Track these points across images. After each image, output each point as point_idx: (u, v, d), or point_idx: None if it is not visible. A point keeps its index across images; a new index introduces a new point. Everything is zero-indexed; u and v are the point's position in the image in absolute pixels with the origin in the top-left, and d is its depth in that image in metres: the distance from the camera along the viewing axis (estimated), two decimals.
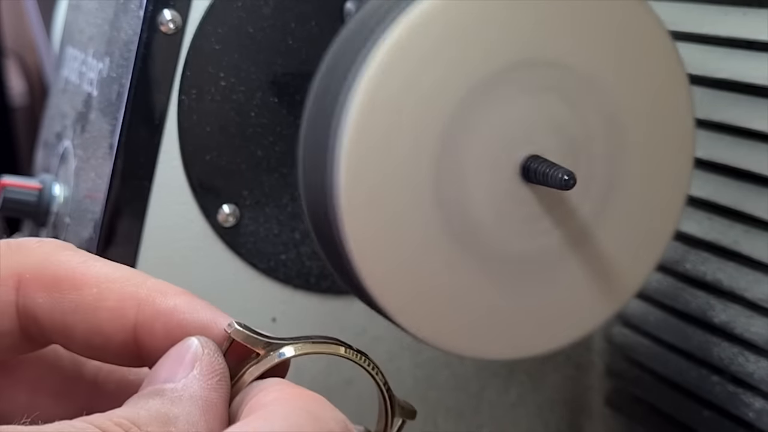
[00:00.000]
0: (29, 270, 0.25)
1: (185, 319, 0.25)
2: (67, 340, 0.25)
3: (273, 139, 0.40)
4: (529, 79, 0.30)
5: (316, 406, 0.22)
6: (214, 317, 0.25)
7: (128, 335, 0.25)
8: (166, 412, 0.22)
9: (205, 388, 0.23)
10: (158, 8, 0.37)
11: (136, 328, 0.25)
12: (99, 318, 0.25)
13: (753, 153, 0.38)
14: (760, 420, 0.38)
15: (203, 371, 0.23)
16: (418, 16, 0.28)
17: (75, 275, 0.25)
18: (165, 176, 0.39)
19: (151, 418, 0.22)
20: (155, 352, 0.25)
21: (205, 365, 0.24)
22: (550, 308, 0.32)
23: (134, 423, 0.21)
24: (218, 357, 0.24)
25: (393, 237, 0.29)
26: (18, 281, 0.25)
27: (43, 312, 0.25)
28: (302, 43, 0.39)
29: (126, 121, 0.38)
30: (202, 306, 0.25)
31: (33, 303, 0.25)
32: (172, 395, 0.23)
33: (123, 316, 0.25)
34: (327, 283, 0.41)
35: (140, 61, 0.38)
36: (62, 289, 0.25)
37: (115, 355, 0.26)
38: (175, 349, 0.24)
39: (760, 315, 0.38)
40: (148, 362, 0.25)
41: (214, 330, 0.25)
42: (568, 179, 0.29)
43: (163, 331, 0.25)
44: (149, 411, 0.22)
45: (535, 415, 0.47)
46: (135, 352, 0.25)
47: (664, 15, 0.32)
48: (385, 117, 0.29)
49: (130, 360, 0.26)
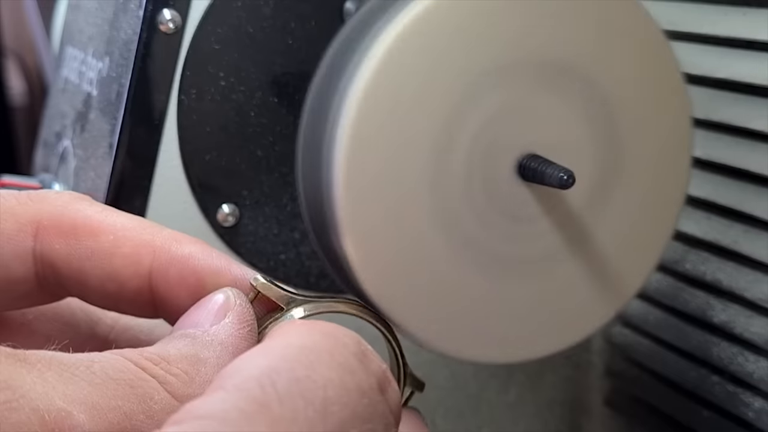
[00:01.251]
0: (47, 218, 0.26)
1: (200, 265, 0.25)
2: (82, 288, 0.26)
3: (273, 139, 0.40)
4: (527, 78, 0.30)
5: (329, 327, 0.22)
6: (229, 265, 0.26)
7: (143, 282, 0.25)
8: (197, 353, 0.23)
9: (235, 336, 0.24)
10: (158, 8, 0.37)
11: (151, 274, 0.25)
12: (114, 264, 0.25)
13: (752, 153, 0.38)
14: (759, 420, 0.38)
15: (234, 320, 0.24)
16: (415, 15, 0.28)
17: (92, 223, 0.26)
18: (164, 176, 0.39)
19: (181, 357, 0.22)
20: (169, 299, 0.25)
21: (237, 314, 0.24)
22: (550, 310, 0.32)
23: (164, 359, 0.22)
24: (249, 308, 0.25)
25: (390, 237, 0.29)
26: (36, 228, 0.26)
27: (60, 258, 0.25)
28: (302, 42, 0.39)
29: (125, 121, 0.38)
30: (216, 254, 0.26)
31: (50, 249, 0.25)
32: (203, 339, 0.23)
33: (138, 263, 0.25)
34: (326, 283, 0.41)
35: (140, 61, 0.38)
36: (79, 236, 0.25)
37: (129, 303, 0.26)
38: (207, 299, 0.25)
39: (759, 315, 0.38)
40: (160, 311, 0.26)
41: (227, 277, 0.25)
42: (567, 178, 0.29)
43: (177, 277, 0.25)
44: (179, 350, 0.23)
45: (535, 415, 0.47)
46: (149, 299, 0.26)
47: (663, 15, 0.32)
48: (382, 116, 0.29)
49: (143, 309, 0.26)
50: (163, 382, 0.21)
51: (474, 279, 0.31)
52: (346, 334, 0.22)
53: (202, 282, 0.25)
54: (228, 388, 0.20)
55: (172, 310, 0.26)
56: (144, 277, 0.25)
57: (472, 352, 0.32)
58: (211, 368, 0.22)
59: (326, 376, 0.20)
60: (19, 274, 0.26)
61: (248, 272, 0.26)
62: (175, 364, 0.22)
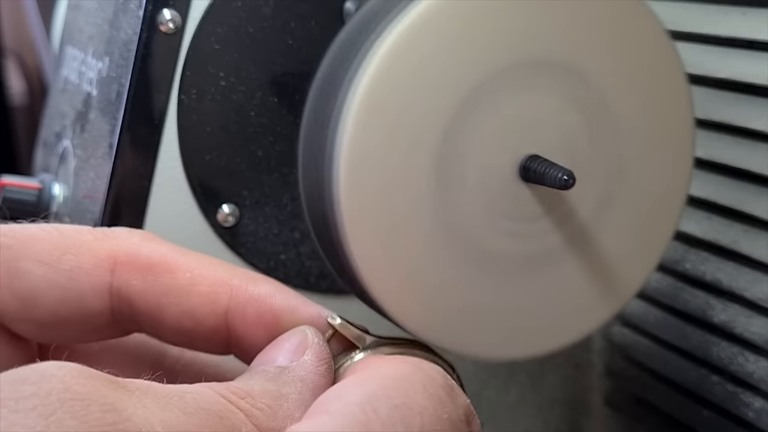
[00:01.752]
0: (123, 254, 0.26)
1: (277, 304, 0.26)
2: (157, 324, 0.26)
3: (273, 139, 0.40)
4: (529, 78, 0.30)
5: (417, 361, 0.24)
6: (305, 304, 0.26)
7: (219, 320, 0.26)
8: (279, 389, 0.23)
9: (314, 372, 0.24)
10: (158, 8, 0.37)
11: (228, 312, 0.26)
12: (191, 302, 0.26)
13: (753, 153, 0.38)
14: (759, 420, 0.38)
15: (313, 357, 0.25)
16: (417, 15, 0.28)
17: (168, 260, 0.26)
18: (164, 176, 0.39)
19: (264, 392, 0.23)
20: (245, 337, 0.26)
21: (315, 352, 0.25)
22: (550, 309, 0.32)
23: (248, 394, 0.22)
24: (326, 347, 0.25)
25: (393, 236, 0.29)
26: (113, 264, 0.26)
27: (137, 294, 0.26)
28: (302, 42, 0.39)
29: (125, 121, 0.38)
30: (292, 293, 0.26)
31: (127, 285, 0.26)
32: (284, 375, 0.24)
33: (215, 301, 0.26)
34: (326, 283, 0.41)
35: (140, 61, 0.38)
36: (156, 273, 0.26)
37: (204, 340, 0.26)
38: (285, 336, 0.25)
39: (759, 314, 0.38)
40: (234, 348, 0.26)
41: (303, 316, 0.26)
42: (568, 179, 0.29)
43: (255, 316, 0.26)
44: (262, 386, 0.23)
45: (535, 414, 0.47)
46: (224, 337, 0.26)
47: (664, 15, 0.32)
48: (384, 116, 0.29)
49: (218, 346, 0.27)
50: (249, 415, 0.22)
51: (475, 278, 0.31)
52: (433, 368, 0.23)
53: (278, 320, 0.26)
54: (332, 412, 0.21)
55: (246, 347, 0.26)
56: (221, 315, 0.26)
57: (473, 349, 0.32)
58: (293, 404, 0.23)
59: (421, 404, 0.22)
60: (95, 309, 0.26)
61: (323, 311, 0.26)
62: (259, 399, 0.23)
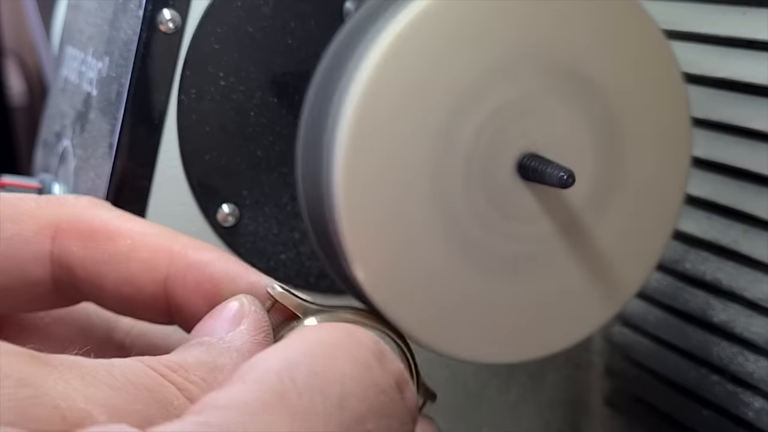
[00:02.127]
0: (66, 221, 0.26)
1: (216, 272, 0.25)
2: (98, 292, 0.26)
3: (272, 139, 0.40)
4: (527, 77, 0.30)
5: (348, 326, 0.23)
6: (245, 272, 0.26)
7: (159, 287, 0.25)
8: (213, 361, 0.23)
9: (251, 342, 0.24)
10: (157, 8, 0.37)
11: (168, 279, 0.25)
12: (131, 269, 0.25)
13: (752, 152, 0.38)
14: (759, 419, 0.38)
15: (250, 327, 0.24)
16: (416, 14, 0.28)
17: (109, 227, 0.26)
18: (164, 176, 0.39)
19: (198, 364, 0.22)
20: (185, 305, 0.25)
21: (252, 321, 0.24)
22: (550, 309, 0.32)
23: (182, 366, 0.22)
24: (264, 315, 0.25)
25: (390, 237, 0.29)
26: (54, 231, 0.26)
27: (77, 261, 0.26)
28: (302, 42, 0.39)
29: (125, 121, 0.38)
30: (233, 261, 0.26)
31: (68, 252, 0.26)
32: (219, 346, 0.23)
33: (155, 268, 0.25)
34: (326, 283, 0.41)
35: (139, 61, 0.38)
36: (97, 240, 0.26)
37: (144, 308, 0.26)
38: (222, 306, 0.25)
39: (759, 314, 0.38)
40: (176, 317, 0.26)
41: (243, 284, 0.25)
42: (566, 177, 0.29)
43: (194, 283, 0.25)
44: (197, 358, 0.23)
45: (535, 414, 0.47)
46: (164, 305, 0.26)
47: (663, 14, 0.32)
48: (383, 115, 0.29)
49: (159, 314, 0.26)
50: (182, 388, 0.22)
51: (474, 278, 0.31)
52: (364, 334, 0.22)
53: (218, 289, 0.25)
54: (247, 380, 0.20)
55: (187, 316, 0.26)
56: (160, 283, 0.25)
57: (472, 352, 0.32)
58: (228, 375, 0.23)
59: (344, 371, 0.21)
60: (36, 276, 0.26)
61: (263, 280, 0.26)
62: (193, 372, 0.22)
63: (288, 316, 0.26)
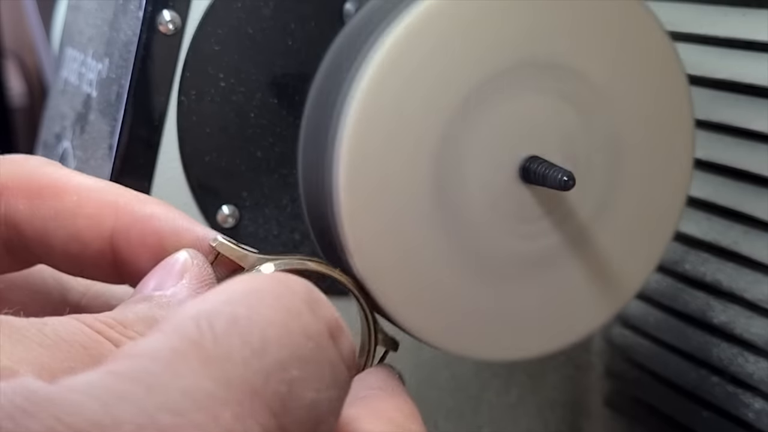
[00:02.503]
0: (13, 180, 0.25)
1: (161, 226, 0.25)
2: (47, 250, 0.25)
3: (273, 140, 0.40)
4: (529, 79, 0.30)
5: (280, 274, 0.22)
6: (191, 226, 0.25)
7: (105, 242, 0.25)
8: (153, 315, 0.22)
9: (193, 296, 0.23)
10: (157, 9, 0.37)
11: (113, 234, 0.25)
12: (77, 225, 0.25)
13: (752, 154, 0.38)
14: (759, 420, 0.38)
15: (192, 280, 0.24)
16: (418, 16, 0.28)
17: (57, 184, 0.25)
18: (164, 177, 0.39)
19: (138, 320, 0.22)
20: (130, 261, 0.25)
21: (194, 275, 0.24)
22: (550, 309, 0.32)
23: (120, 323, 0.21)
24: (207, 268, 0.24)
25: (392, 237, 0.29)
26: (1, 190, 0.25)
27: (24, 219, 0.25)
28: (302, 44, 0.39)
29: (125, 122, 0.38)
30: (179, 215, 0.25)
31: (14, 210, 0.25)
32: (160, 300, 0.23)
33: (100, 223, 0.25)
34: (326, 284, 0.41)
35: (139, 62, 0.38)
36: (44, 197, 0.25)
37: (92, 266, 0.26)
38: (165, 261, 0.24)
39: (759, 315, 0.38)
40: (124, 274, 0.26)
41: (188, 238, 0.25)
42: (567, 180, 0.29)
43: (139, 237, 0.25)
44: (137, 314, 0.22)
45: (535, 415, 0.47)
46: (111, 261, 0.25)
47: (663, 15, 0.32)
48: (384, 117, 0.29)
49: (107, 272, 0.26)
50: (118, 344, 0.21)
51: (475, 279, 0.31)
52: (297, 281, 0.21)
53: (162, 243, 0.25)
54: (165, 329, 0.19)
55: (134, 272, 0.25)
56: (106, 238, 0.25)
57: (474, 349, 0.32)
58: None
59: (267, 316, 0.20)
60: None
61: (209, 233, 0.25)
62: (132, 327, 0.22)
63: (233, 269, 0.25)
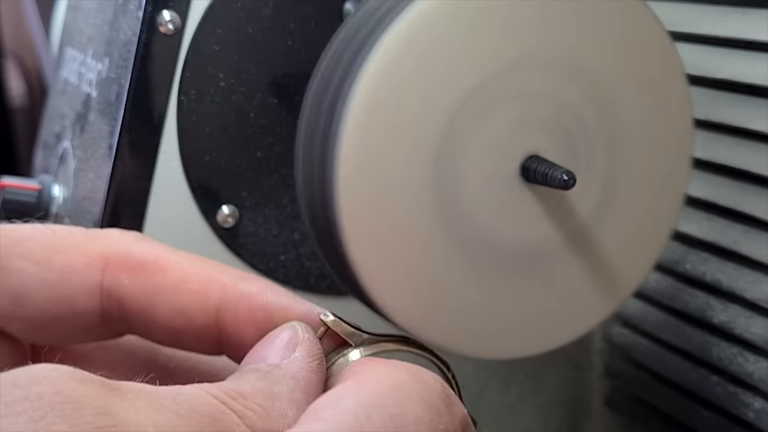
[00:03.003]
0: (115, 254, 0.26)
1: (268, 301, 0.26)
2: (148, 324, 0.26)
3: (272, 140, 0.40)
4: (529, 79, 0.30)
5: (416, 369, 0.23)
6: (296, 301, 0.26)
7: (210, 318, 0.26)
8: (270, 388, 0.23)
9: (305, 369, 0.24)
10: (157, 9, 0.37)
11: (219, 310, 0.26)
12: (182, 300, 0.26)
13: (752, 153, 0.38)
14: (759, 420, 0.38)
15: (304, 354, 0.24)
16: (417, 16, 0.28)
17: (159, 260, 0.26)
18: (164, 177, 0.39)
19: (256, 392, 0.23)
20: (236, 335, 0.26)
21: (306, 348, 0.24)
22: (549, 307, 0.32)
23: (241, 394, 0.22)
24: (317, 342, 0.25)
25: (392, 237, 0.29)
26: (104, 263, 0.26)
27: (128, 293, 0.26)
28: (302, 43, 0.39)
29: (125, 122, 0.38)
30: (283, 291, 0.26)
31: (118, 284, 0.26)
32: (275, 373, 0.23)
33: (206, 299, 0.26)
34: (326, 284, 0.41)
35: (139, 62, 0.38)
36: (147, 272, 0.26)
37: (195, 339, 0.26)
38: (275, 333, 0.25)
39: (759, 315, 0.38)
40: (225, 347, 0.26)
41: (295, 312, 0.26)
42: (568, 179, 0.29)
43: (246, 313, 0.26)
44: (254, 385, 0.23)
45: (535, 415, 0.47)
46: (215, 336, 0.26)
47: (663, 15, 0.32)
48: (383, 117, 0.29)
49: (210, 345, 0.26)
50: (242, 416, 0.22)
51: (474, 277, 0.31)
52: (432, 377, 0.23)
53: (271, 317, 0.26)
54: (324, 419, 0.21)
55: (238, 346, 0.26)
56: (211, 314, 0.26)
57: (473, 348, 0.32)
58: (285, 402, 0.23)
59: (417, 414, 0.21)
60: (86, 308, 0.26)
61: (315, 308, 0.26)
62: (252, 399, 0.22)
63: (339, 343, 0.26)
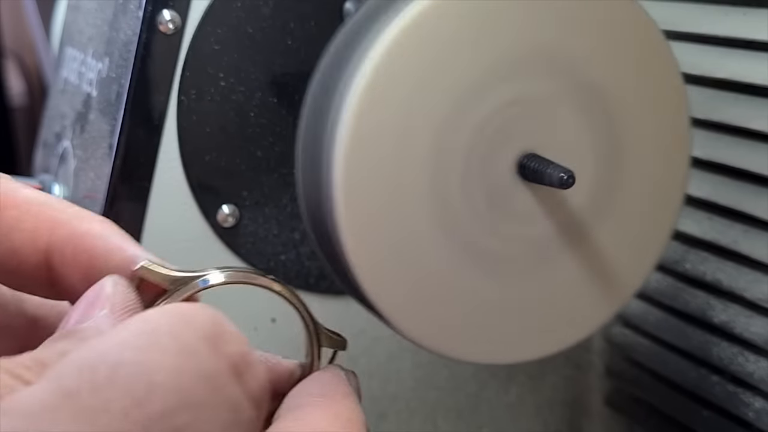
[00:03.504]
0: None
1: (93, 244, 0.24)
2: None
3: (272, 140, 0.40)
4: (527, 78, 0.30)
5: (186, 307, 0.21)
6: (123, 246, 0.24)
7: (41, 258, 0.25)
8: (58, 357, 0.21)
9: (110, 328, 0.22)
10: (157, 8, 0.37)
11: (48, 250, 0.24)
12: (14, 239, 0.25)
13: (752, 153, 0.38)
14: (759, 420, 0.38)
15: (114, 309, 0.23)
16: (416, 15, 0.28)
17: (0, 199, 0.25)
18: (164, 176, 0.39)
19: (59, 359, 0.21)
20: (65, 279, 0.25)
21: (117, 303, 0.23)
22: (549, 310, 0.32)
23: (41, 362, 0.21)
24: (130, 294, 0.23)
25: (390, 237, 0.29)
26: None
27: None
28: (302, 43, 0.39)
29: (125, 122, 0.38)
30: (115, 233, 0.25)
31: None
32: (81, 335, 0.22)
33: (37, 238, 0.25)
34: (326, 284, 0.41)
35: (139, 62, 0.38)
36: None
37: (30, 281, 0.25)
38: (90, 290, 0.23)
39: (759, 315, 0.38)
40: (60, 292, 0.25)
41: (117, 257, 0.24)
42: (567, 178, 0.29)
43: (71, 255, 0.24)
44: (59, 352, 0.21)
45: (535, 415, 0.47)
46: (48, 277, 0.25)
47: (663, 15, 0.32)
48: (382, 116, 0.29)
49: (45, 288, 0.25)
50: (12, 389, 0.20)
51: (473, 279, 0.31)
52: (200, 315, 0.20)
53: (92, 262, 0.24)
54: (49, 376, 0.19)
55: (69, 291, 0.25)
56: (42, 254, 0.25)
57: (472, 352, 0.32)
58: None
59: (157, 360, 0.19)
60: None
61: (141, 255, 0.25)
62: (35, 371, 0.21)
63: (159, 292, 0.25)
